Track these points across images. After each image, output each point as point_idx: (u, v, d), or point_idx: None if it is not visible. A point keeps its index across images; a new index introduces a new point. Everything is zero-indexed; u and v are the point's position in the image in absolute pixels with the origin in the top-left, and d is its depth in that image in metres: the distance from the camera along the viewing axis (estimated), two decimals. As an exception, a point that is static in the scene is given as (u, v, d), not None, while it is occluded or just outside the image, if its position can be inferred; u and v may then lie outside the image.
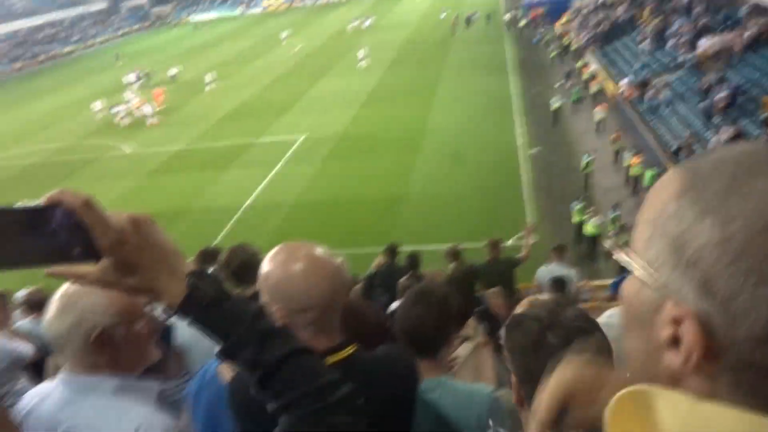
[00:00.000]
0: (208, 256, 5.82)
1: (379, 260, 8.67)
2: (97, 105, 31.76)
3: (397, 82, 31.27)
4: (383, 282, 7.30)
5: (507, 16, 42.64)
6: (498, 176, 18.71)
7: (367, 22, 49.05)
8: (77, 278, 0.90)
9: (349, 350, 1.53)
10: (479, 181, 18.34)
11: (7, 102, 42.33)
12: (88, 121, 31.73)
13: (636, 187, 16.61)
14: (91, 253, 0.86)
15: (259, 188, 20.20)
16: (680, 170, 0.58)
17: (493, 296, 6.52)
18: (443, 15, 47.06)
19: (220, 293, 0.99)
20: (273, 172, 21.42)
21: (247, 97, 32.57)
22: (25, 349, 3.94)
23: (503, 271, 8.05)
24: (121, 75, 40.99)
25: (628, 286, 0.61)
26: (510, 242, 14.10)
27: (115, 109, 30.46)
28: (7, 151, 29.04)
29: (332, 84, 32.82)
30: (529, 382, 1.24)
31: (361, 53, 36.37)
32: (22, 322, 5.05)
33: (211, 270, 3.33)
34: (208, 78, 35.61)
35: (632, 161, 16.94)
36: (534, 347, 1.24)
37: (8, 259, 0.84)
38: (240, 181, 20.97)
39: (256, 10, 77.84)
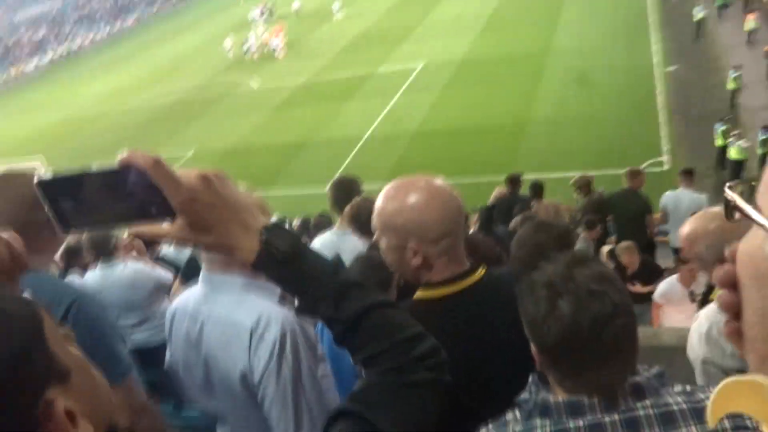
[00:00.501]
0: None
1: (499, 190, 8.49)
2: (228, 43, 33.12)
3: (518, 2, 29.58)
4: (503, 213, 7.16)
5: None
6: (630, 98, 17.44)
7: None
8: (156, 237, 0.92)
9: (482, 272, 1.57)
10: (610, 104, 17.23)
11: (148, 44, 45.32)
12: (218, 58, 33.26)
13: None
14: (167, 212, 0.87)
15: (380, 118, 20.34)
16: None
17: (625, 252, 6.22)
18: None
19: (295, 248, 0.97)
20: (393, 101, 21.43)
21: (366, 26, 32.41)
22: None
23: (639, 208, 7.55)
24: (245, 12, 42.22)
25: (750, 239, 0.52)
26: (644, 166, 13.29)
27: (245, 45, 31.61)
28: (145, 92, 31.34)
29: (451, 8, 31.72)
30: (547, 353, 1.18)
31: None
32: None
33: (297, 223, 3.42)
34: (336, 6, 35.86)
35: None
36: (547, 316, 1.14)
37: (89, 220, 0.88)
38: (361, 111, 21.21)
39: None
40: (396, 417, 0.96)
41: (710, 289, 2.78)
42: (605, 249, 6.72)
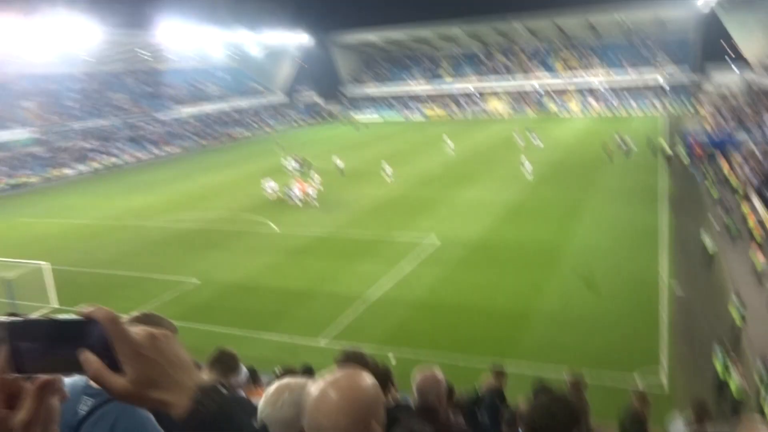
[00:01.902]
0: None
1: (489, 382, 8.40)
2: (269, 185, 34.71)
3: (542, 199, 31.06)
4: (489, 405, 7.08)
5: (667, 149, 41.22)
6: (634, 308, 17.57)
7: (538, 142, 48.63)
8: (106, 387, 0.97)
9: None
10: (613, 310, 17.35)
11: (188, 173, 47.82)
12: (247, 197, 34.76)
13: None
14: (116, 365, 0.95)
15: (387, 283, 20.58)
16: None
17: None
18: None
19: (224, 410, 1.03)
20: (403, 269, 21.81)
21: (393, 194, 34.00)
22: None
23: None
24: (281, 160, 44.84)
25: None
26: (638, 384, 13.04)
27: (289, 191, 33.04)
28: (170, 214, 32.48)
29: (477, 192, 33.34)
30: None
31: (527, 165, 36.98)
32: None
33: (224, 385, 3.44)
34: (387, 168, 38.28)
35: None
36: None
37: (45, 365, 0.94)
38: (370, 273, 21.54)
39: (418, 117, 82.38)
40: None
41: None
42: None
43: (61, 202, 39.55)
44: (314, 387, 1.50)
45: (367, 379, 1.53)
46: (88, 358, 0.93)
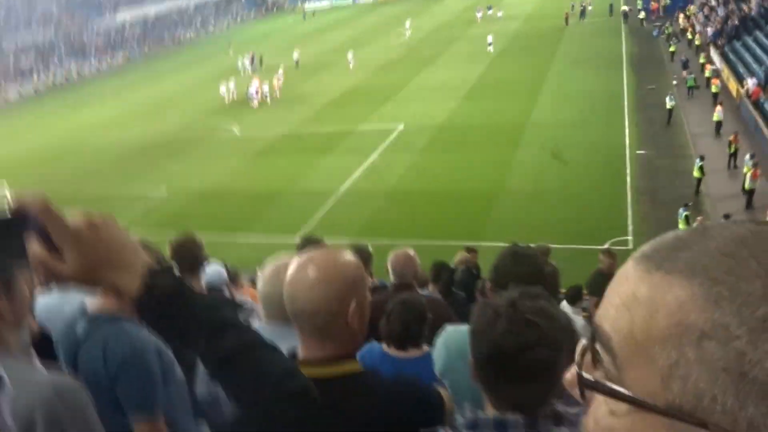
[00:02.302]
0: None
1: (463, 255, 8.62)
2: (223, 88, 32.91)
3: (502, 74, 30.66)
4: (463, 281, 7.29)
5: (624, 8, 40.56)
6: (601, 177, 17.96)
7: (499, 13, 47.02)
8: (51, 274, 0.95)
9: (349, 368, 1.44)
10: (580, 181, 17.71)
11: (135, 82, 45.64)
12: (203, 102, 33.56)
13: (750, 200, 15.32)
14: (56, 251, 0.93)
15: (356, 174, 20.57)
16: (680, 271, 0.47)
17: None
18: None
19: (177, 289, 1.02)
20: (370, 159, 21.74)
21: (352, 83, 33.17)
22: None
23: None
24: (235, 60, 42.96)
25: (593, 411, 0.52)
26: (608, 244, 13.59)
27: (250, 90, 31.65)
28: (126, 128, 31.35)
29: (436, 74, 32.72)
30: (478, 365, 1.35)
31: (489, 38, 36.26)
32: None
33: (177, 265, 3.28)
34: (349, 56, 37.23)
35: (752, 172, 15.44)
36: (485, 332, 1.32)
37: None
38: (338, 166, 21.44)
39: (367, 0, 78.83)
40: None
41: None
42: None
43: (6, 127, 37.69)
44: (293, 262, 1.46)
45: (348, 257, 1.48)
46: (32, 246, 0.91)
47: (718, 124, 19.97)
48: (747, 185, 15.42)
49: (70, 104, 41.44)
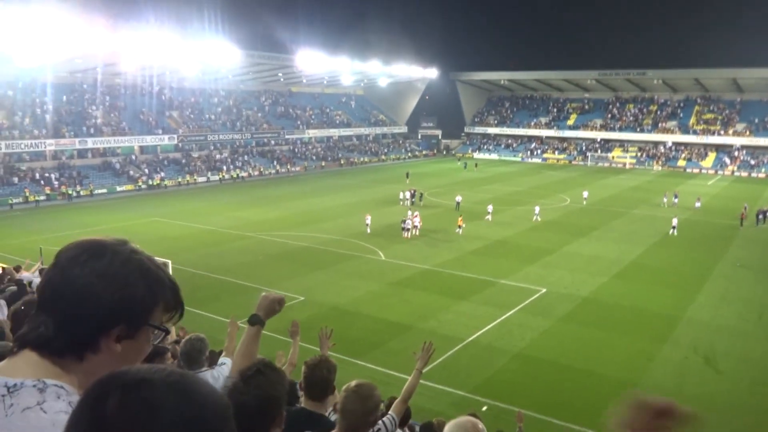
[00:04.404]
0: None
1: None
2: (368, 218, 34.53)
3: (663, 261, 29.21)
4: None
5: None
6: (753, 395, 15.94)
7: (697, 204, 44.51)
8: None
9: None
10: (728, 393, 15.83)
11: (307, 192, 49.91)
12: (360, 222, 35.55)
13: None
14: None
15: (488, 327, 20.14)
16: None
17: None
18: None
19: None
20: (505, 316, 21.26)
21: (504, 237, 33.42)
22: None
23: None
24: (400, 190, 45.59)
25: None
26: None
27: (404, 223, 33.39)
28: (289, 231, 33.90)
29: (591, 246, 32.00)
30: None
31: (674, 221, 35.68)
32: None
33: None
34: (489, 209, 38.43)
35: None
36: None
37: None
38: (472, 315, 21.20)
39: (536, 160, 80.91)
40: None
41: None
42: None
43: (191, 207, 42.55)
44: None
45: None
46: None
47: None
48: None
49: (246, 199, 46.11)
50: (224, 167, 60.67)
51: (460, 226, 34.10)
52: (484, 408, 14.19)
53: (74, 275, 1.22)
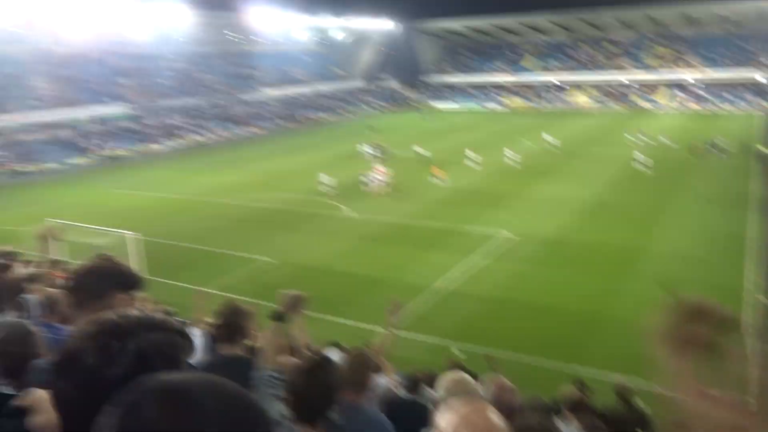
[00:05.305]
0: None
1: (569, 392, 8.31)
2: (324, 178, 33.60)
3: (618, 198, 30.01)
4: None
5: (761, 148, 38.74)
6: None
7: (662, 139, 45.18)
8: None
9: None
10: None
11: (267, 153, 49.36)
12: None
13: None
14: None
15: (456, 274, 20.55)
16: None
17: None
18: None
19: None
20: (473, 261, 21.70)
21: (467, 185, 33.76)
22: None
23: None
24: (361, 144, 45.39)
25: None
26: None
27: (364, 178, 33.30)
28: (255, 192, 33.64)
29: (554, 188, 32.60)
30: None
31: (640, 156, 36.49)
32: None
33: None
34: (472, 155, 38.78)
35: None
36: None
37: None
38: (440, 263, 21.56)
39: (495, 106, 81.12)
40: None
41: None
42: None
43: (151, 176, 41.70)
44: (444, 422, 1.51)
45: (495, 415, 1.56)
46: None
47: None
48: None
49: (208, 165, 45.37)
50: (181, 133, 59.28)
51: (436, 176, 34.24)
52: (458, 352, 14.61)
53: None
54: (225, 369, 3.33)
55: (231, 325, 3.79)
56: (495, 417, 1.51)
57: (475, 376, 5.06)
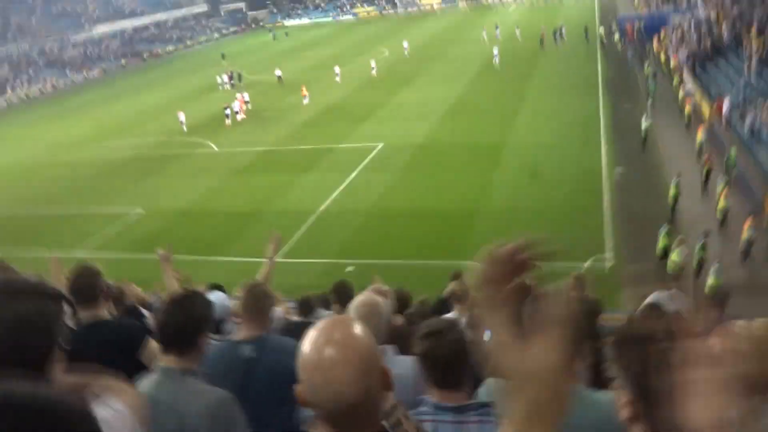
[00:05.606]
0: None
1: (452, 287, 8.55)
2: (182, 116, 31.31)
3: (479, 95, 30.97)
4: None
5: (600, 30, 41.23)
6: (579, 196, 18.13)
7: (517, 31, 45.46)
8: None
9: None
10: (558, 200, 17.84)
11: (112, 96, 45.23)
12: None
13: (724, 220, 15.52)
14: None
15: (335, 194, 20.52)
16: None
17: None
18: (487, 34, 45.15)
19: None
20: (350, 178, 21.71)
21: (331, 102, 33.22)
22: None
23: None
24: (216, 75, 42.83)
25: None
26: (586, 264, 13.76)
27: (230, 108, 31.40)
28: (108, 140, 31.02)
29: (415, 94, 32.93)
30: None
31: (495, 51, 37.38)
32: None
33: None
34: (336, 70, 38.10)
35: (723, 192, 15.65)
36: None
37: None
38: (317, 185, 21.39)
39: (348, 18, 79.35)
40: None
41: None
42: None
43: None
44: (306, 343, 1.33)
45: (359, 327, 1.39)
46: None
47: (701, 144, 19.93)
48: (720, 205, 15.64)
49: (44, 118, 40.88)
50: (8, 87, 52.72)
51: (304, 96, 33.30)
52: (349, 269, 14.78)
53: None
54: (86, 338, 3.07)
55: (81, 288, 3.46)
56: (357, 329, 1.38)
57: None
